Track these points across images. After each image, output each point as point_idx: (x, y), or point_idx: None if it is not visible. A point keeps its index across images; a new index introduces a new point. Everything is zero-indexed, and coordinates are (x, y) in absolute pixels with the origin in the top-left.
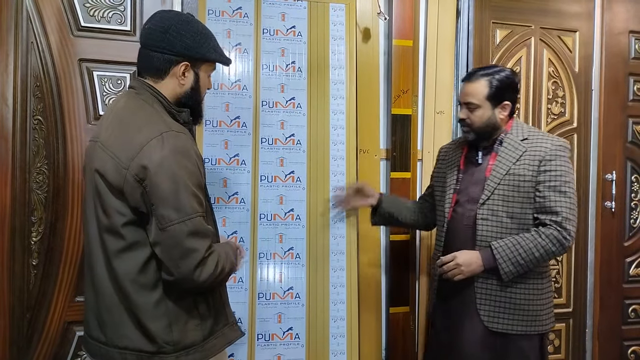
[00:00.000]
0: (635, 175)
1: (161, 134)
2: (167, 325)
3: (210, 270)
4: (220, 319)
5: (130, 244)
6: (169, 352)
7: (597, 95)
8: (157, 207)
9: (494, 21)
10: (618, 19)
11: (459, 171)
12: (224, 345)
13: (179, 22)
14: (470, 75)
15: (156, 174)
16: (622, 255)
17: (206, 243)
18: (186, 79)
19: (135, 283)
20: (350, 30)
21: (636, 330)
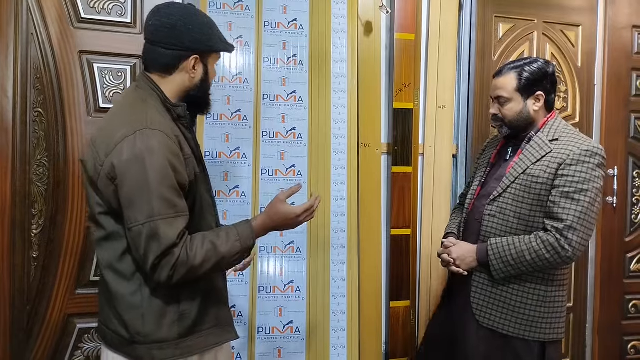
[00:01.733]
0: (637, 171)
1: (135, 132)
2: (140, 316)
3: (167, 272)
4: (206, 319)
5: (109, 233)
6: (141, 342)
7: (599, 90)
8: (125, 206)
9: (496, 15)
10: (621, 14)
11: (488, 164)
12: (209, 346)
13: (185, 16)
14: (500, 70)
15: (122, 174)
16: (623, 250)
17: (159, 249)
18: (196, 72)
19: (114, 272)
20: (352, 23)
21: (636, 325)
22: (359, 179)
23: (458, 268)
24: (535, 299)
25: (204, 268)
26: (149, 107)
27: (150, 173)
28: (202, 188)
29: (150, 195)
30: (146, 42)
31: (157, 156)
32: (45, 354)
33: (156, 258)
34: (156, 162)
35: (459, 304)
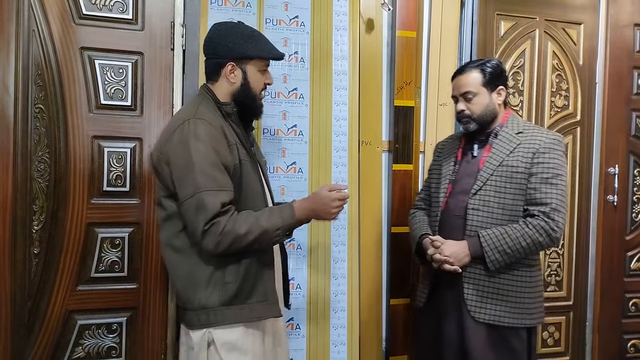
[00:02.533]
0: (638, 169)
1: (184, 122)
2: (189, 285)
3: (214, 239)
4: (251, 292)
5: (169, 214)
6: (190, 309)
7: (600, 89)
8: (177, 185)
9: (498, 13)
10: (623, 12)
11: (455, 163)
12: (252, 319)
13: (222, 30)
14: (462, 69)
15: (172, 157)
16: (624, 249)
17: (206, 215)
18: (235, 77)
19: (171, 248)
20: (353, 20)
21: (636, 323)
22: (360, 177)
23: (452, 266)
24: (524, 285)
25: (247, 239)
26: (201, 105)
27: (194, 153)
28: (250, 176)
29: (195, 172)
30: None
31: (200, 139)
32: (46, 350)
33: (205, 225)
34: (200, 144)
35: (449, 302)
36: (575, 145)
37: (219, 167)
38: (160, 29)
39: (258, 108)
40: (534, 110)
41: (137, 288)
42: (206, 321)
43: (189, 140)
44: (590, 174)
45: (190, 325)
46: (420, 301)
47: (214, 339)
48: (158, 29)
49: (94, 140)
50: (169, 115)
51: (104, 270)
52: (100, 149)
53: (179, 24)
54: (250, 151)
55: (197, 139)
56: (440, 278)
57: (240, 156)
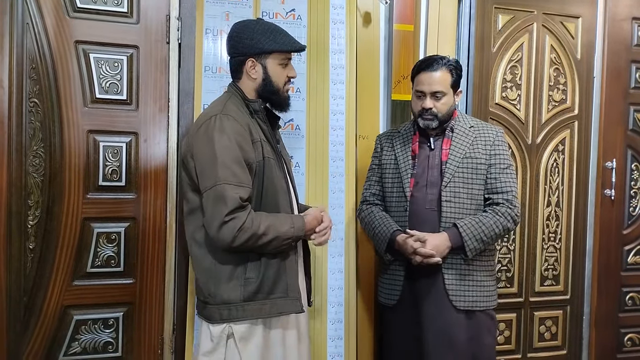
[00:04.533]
0: (636, 164)
1: (210, 117)
2: (210, 279)
3: (232, 233)
4: (273, 288)
5: (193, 208)
6: (211, 303)
7: (598, 83)
8: (199, 177)
9: (496, 6)
10: (621, 5)
11: (413, 157)
12: (273, 314)
13: (240, 28)
14: (432, 64)
15: (200, 149)
16: (621, 243)
17: (226, 207)
18: (256, 72)
19: (194, 241)
20: (350, 14)
21: (633, 317)
22: (357, 171)
23: (434, 258)
24: (490, 270)
25: (262, 240)
26: (229, 102)
27: (217, 147)
28: (274, 173)
29: (217, 165)
30: None
31: (225, 134)
32: (42, 346)
33: (224, 217)
34: (224, 139)
35: (427, 295)
36: (572, 139)
37: (240, 163)
38: (156, 23)
39: (283, 101)
40: (531, 104)
41: (134, 283)
42: (227, 316)
43: (213, 135)
44: (588, 168)
45: (211, 319)
46: (392, 299)
47: (234, 333)
48: (153, 22)
49: (89, 134)
50: (165, 110)
51: (100, 265)
52: (96, 144)
53: (175, 17)
54: (276, 148)
55: (221, 134)
56: (414, 273)
57: (265, 153)
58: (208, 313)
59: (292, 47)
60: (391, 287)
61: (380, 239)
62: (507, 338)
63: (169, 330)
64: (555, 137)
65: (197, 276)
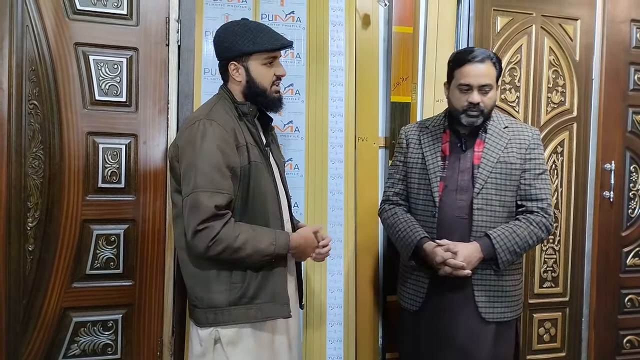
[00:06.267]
0: (634, 165)
1: (195, 122)
2: (197, 283)
3: (205, 243)
4: (259, 293)
5: (178, 212)
6: (199, 306)
7: (597, 84)
8: (181, 182)
9: (495, 8)
10: (620, 7)
11: (443, 158)
12: (259, 319)
13: (221, 31)
14: (478, 55)
15: (182, 154)
16: (620, 245)
17: (198, 217)
18: (240, 75)
19: (180, 244)
20: (349, 16)
21: (632, 319)
22: (356, 173)
23: (464, 270)
24: (517, 279)
25: (238, 254)
26: (217, 105)
27: (197, 153)
28: (262, 178)
29: (196, 171)
30: None
31: (207, 140)
32: (42, 348)
33: (196, 226)
34: (205, 145)
35: (455, 306)
36: (571, 141)
37: (220, 170)
38: (156, 25)
39: (271, 102)
40: (530, 106)
41: (133, 285)
42: (214, 320)
43: (195, 140)
44: (587, 170)
45: (198, 323)
46: (414, 305)
47: (220, 337)
48: (153, 24)
49: (88, 136)
50: (164, 112)
51: (99, 267)
52: (95, 145)
53: (174, 19)
54: (264, 152)
55: (203, 139)
56: (439, 281)
57: (251, 157)
58: (196, 316)
59: (272, 46)
60: (414, 293)
61: (406, 245)
62: None
63: (168, 333)
64: (554, 139)
65: (184, 280)
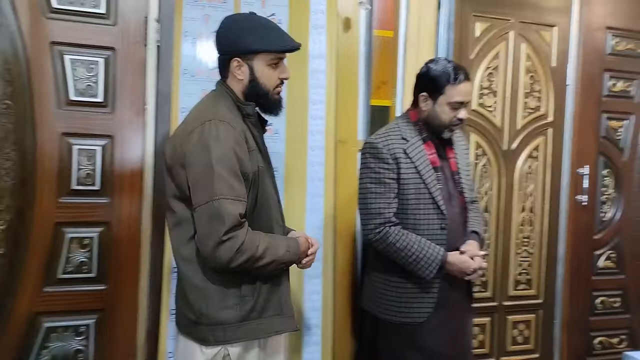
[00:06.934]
0: (607, 170)
1: (203, 123)
2: (203, 297)
3: (229, 254)
4: (268, 306)
5: (180, 219)
6: (204, 323)
7: (572, 91)
8: (192, 189)
9: (474, 14)
10: (595, 15)
11: (435, 169)
12: (269, 333)
13: (227, 23)
14: (467, 76)
15: (193, 158)
16: (592, 248)
17: (225, 226)
18: (242, 73)
19: (180, 255)
20: (331, 19)
21: (603, 321)
22: (336, 176)
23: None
24: None
25: (259, 263)
26: (221, 105)
27: (214, 157)
28: (267, 184)
29: (214, 177)
30: None
31: (222, 143)
32: (11, 354)
33: (221, 236)
34: (220, 149)
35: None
36: (547, 146)
37: (237, 175)
38: (134, 24)
39: (273, 104)
40: (508, 111)
41: (106, 289)
42: (222, 338)
43: (209, 143)
44: (561, 174)
45: (204, 342)
46: (422, 317)
47: (230, 355)
48: (131, 24)
49: (63, 137)
50: (141, 113)
51: (71, 271)
52: (70, 147)
53: (154, 19)
54: (266, 156)
55: (217, 142)
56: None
57: (259, 162)
58: (200, 334)
59: (282, 47)
60: (421, 304)
61: (429, 263)
62: (481, 342)
63: (142, 338)
64: (529, 143)
65: (186, 294)
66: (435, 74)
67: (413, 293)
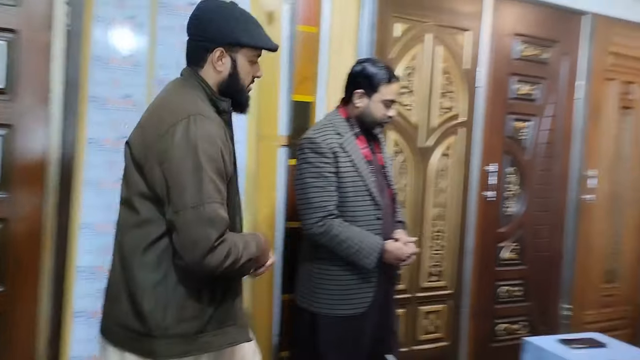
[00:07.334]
0: (514, 167)
1: (188, 117)
2: (163, 308)
3: (219, 259)
4: (224, 316)
5: (143, 220)
6: (159, 336)
7: (482, 92)
8: (174, 189)
9: (394, 15)
10: (505, 21)
11: (368, 163)
12: (225, 345)
13: (213, 8)
14: (395, 75)
15: (177, 155)
16: (497, 240)
17: (217, 231)
18: (223, 65)
19: (140, 260)
20: (253, 12)
21: (506, 309)
22: (258, 171)
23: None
24: None
25: (239, 263)
26: (196, 98)
27: (202, 158)
28: (234, 187)
29: (202, 179)
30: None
31: (211, 143)
32: None
33: (213, 242)
34: (210, 148)
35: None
36: (459, 145)
37: (223, 177)
38: (40, 6)
39: (245, 101)
40: (425, 110)
41: (4, 291)
42: (181, 351)
43: (196, 141)
44: (471, 171)
45: (152, 355)
46: (363, 307)
47: None
48: (37, 6)
49: None
50: (46, 101)
51: None
52: None
53: (63, 1)
54: (234, 156)
55: (207, 141)
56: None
57: (232, 163)
58: (151, 347)
59: (268, 45)
60: (363, 295)
61: (369, 252)
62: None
63: (44, 342)
64: (443, 142)
65: (138, 303)
66: (372, 73)
67: (354, 283)
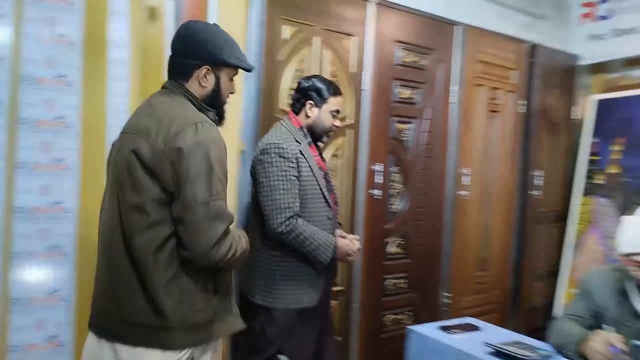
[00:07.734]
0: (398, 167)
1: (195, 123)
2: (179, 301)
3: (224, 251)
4: (224, 306)
5: (153, 221)
6: (177, 327)
7: (368, 95)
8: (186, 186)
9: (281, 17)
10: (387, 29)
11: (320, 169)
12: (228, 332)
13: (203, 29)
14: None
15: (189, 156)
16: (383, 236)
17: (225, 225)
18: (207, 81)
19: (152, 258)
20: (135, 6)
21: (392, 301)
22: None
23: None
24: None
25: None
26: (191, 107)
27: (212, 158)
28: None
29: (215, 176)
30: (170, 55)
31: (217, 146)
32: None
33: (219, 236)
34: (218, 151)
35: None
36: (348, 146)
37: (226, 178)
38: None
39: (222, 115)
40: None
41: None
42: (191, 341)
43: (207, 144)
44: (359, 170)
45: (168, 347)
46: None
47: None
48: None
49: None
50: None
51: None
52: None
53: None
54: None
55: (213, 144)
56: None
57: None
58: (167, 340)
59: (247, 66)
60: (314, 289)
61: (326, 248)
62: None
63: None
64: (333, 142)
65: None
66: (320, 87)
67: (310, 278)
